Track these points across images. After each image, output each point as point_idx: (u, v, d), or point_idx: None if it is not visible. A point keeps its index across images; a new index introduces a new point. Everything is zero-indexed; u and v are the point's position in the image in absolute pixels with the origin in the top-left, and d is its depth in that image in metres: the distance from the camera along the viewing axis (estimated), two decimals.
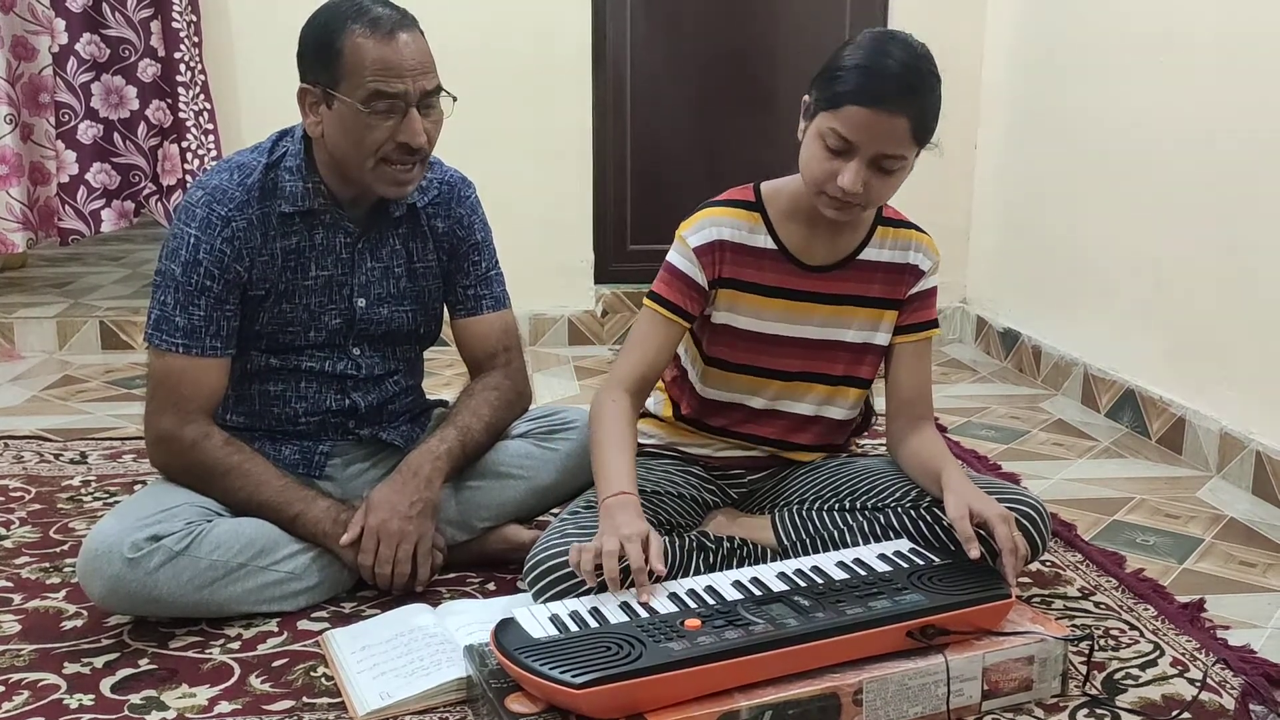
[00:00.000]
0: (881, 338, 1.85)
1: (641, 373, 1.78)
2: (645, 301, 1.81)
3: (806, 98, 1.69)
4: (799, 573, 1.59)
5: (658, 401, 1.98)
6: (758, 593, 1.53)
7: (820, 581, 1.56)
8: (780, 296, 1.80)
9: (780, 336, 1.82)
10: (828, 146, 1.64)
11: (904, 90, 1.61)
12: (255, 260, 1.78)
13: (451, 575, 1.89)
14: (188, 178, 3.40)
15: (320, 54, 1.73)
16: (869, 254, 1.82)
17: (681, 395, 1.93)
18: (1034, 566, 1.96)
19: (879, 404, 1.94)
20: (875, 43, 1.65)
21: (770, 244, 1.79)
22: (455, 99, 1.80)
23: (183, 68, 3.37)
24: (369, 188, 1.78)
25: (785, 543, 1.82)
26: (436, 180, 1.93)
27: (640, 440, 1.98)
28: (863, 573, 1.59)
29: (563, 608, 1.49)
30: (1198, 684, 1.60)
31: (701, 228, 1.78)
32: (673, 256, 1.80)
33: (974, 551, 1.57)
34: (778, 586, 1.55)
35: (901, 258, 1.83)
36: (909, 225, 1.86)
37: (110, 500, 2.23)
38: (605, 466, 1.68)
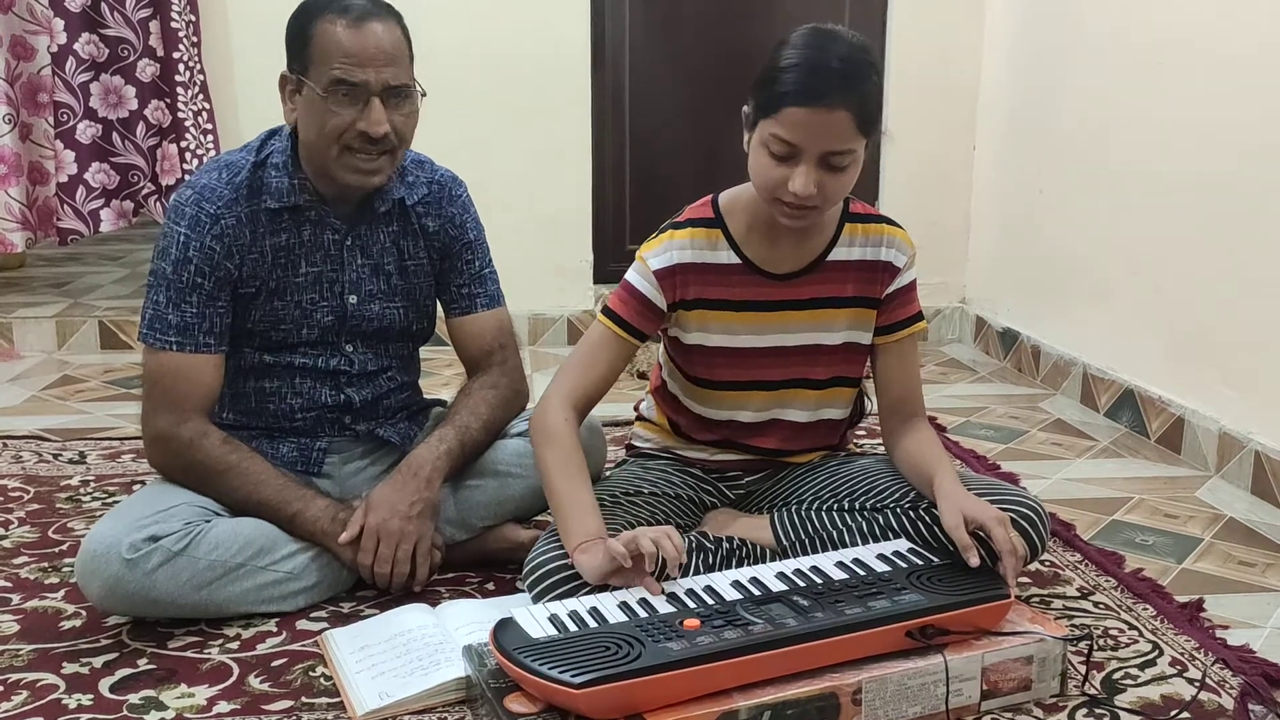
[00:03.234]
0: (863, 336, 1.83)
1: (589, 390, 1.76)
2: (599, 317, 1.79)
3: (745, 108, 1.66)
4: (798, 573, 1.59)
5: (650, 406, 1.98)
6: (757, 593, 1.52)
7: (819, 581, 1.56)
8: (751, 309, 1.78)
9: (757, 349, 1.80)
10: (773, 154, 1.61)
11: (840, 83, 1.56)
12: (245, 258, 1.79)
13: (450, 575, 1.89)
14: (186, 177, 3.38)
15: (295, 40, 1.74)
16: (838, 254, 1.79)
17: (671, 410, 1.92)
18: (1033, 566, 1.96)
19: (872, 400, 1.93)
20: (806, 41, 1.60)
21: (734, 259, 1.77)
22: (425, 94, 1.79)
23: (181, 67, 3.37)
24: (336, 177, 1.78)
25: (784, 543, 1.81)
26: (425, 179, 1.93)
27: (637, 443, 1.99)
28: (862, 573, 1.59)
29: (561, 608, 1.48)
30: (1197, 684, 1.60)
31: (662, 251, 1.76)
32: (632, 276, 1.78)
33: (973, 559, 1.56)
34: (777, 586, 1.54)
35: (874, 254, 1.79)
36: (879, 219, 1.82)
37: (109, 500, 2.23)
38: (571, 505, 1.62)
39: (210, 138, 3.44)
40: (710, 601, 1.50)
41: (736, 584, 1.55)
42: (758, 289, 1.78)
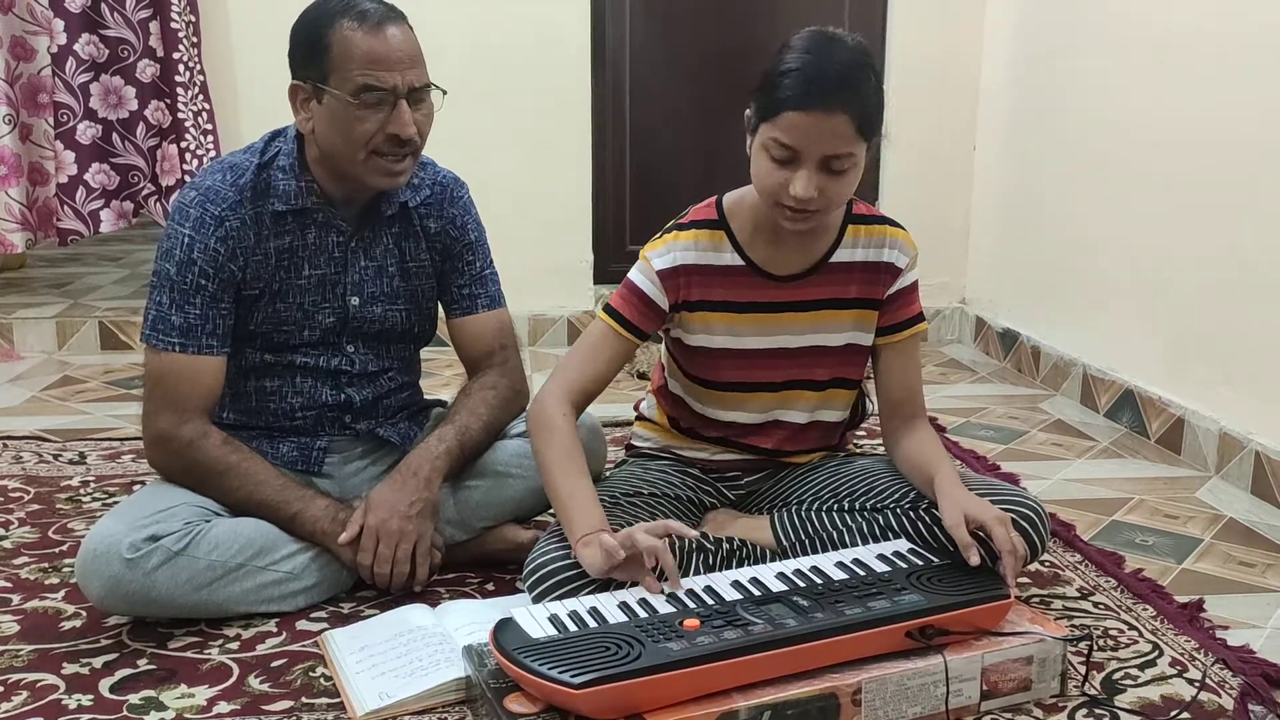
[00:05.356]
0: (865, 338, 1.83)
1: (588, 387, 1.76)
2: (600, 314, 1.79)
3: (747, 112, 1.66)
4: (798, 573, 1.59)
5: (651, 405, 1.98)
6: (756, 593, 1.52)
7: (819, 582, 1.56)
8: (754, 311, 1.78)
9: (760, 350, 1.81)
10: (773, 158, 1.61)
11: (838, 87, 1.56)
12: (249, 260, 1.79)
13: (450, 575, 1.89)
14: (186, 178, 3.40)
15: (310, 49, 1.74)
16: (841, 255, 1.79)
17: (673, 408, 1.92)
18: (1033, 567, 1.96)
19: (874, 401, 1.94)
20: (805, 45, 1.61)
21: (737, 260, 1.77)
22: (445, 92, 1.80)
23: (181, 68, 3.37)
24: (361, 181, 1.79)
25: (784, 543, 1.81)
26: (429, 180, 1.94)
27: (637, 443, 1.99)
28: (862, 573, 1.59)
29: (561, 608, 1.49)
30: (1196, 684, 1.60)
31: (666, 252, 1.76)
32: (635, 275, 1.78)
33: (974, 558, 1.56)
34: (776, 587, 1.54)
35: (876, 256, 1.80)
36: (881, 220, 1.82)
37: (109, 501, 2.23)
38: (573, 498, 1.63)
39: (210, 138, 3.44)
40: (710, 602, 1.50)
41: (736, 584, 1.55)
42: (761, 290, 1.78)
